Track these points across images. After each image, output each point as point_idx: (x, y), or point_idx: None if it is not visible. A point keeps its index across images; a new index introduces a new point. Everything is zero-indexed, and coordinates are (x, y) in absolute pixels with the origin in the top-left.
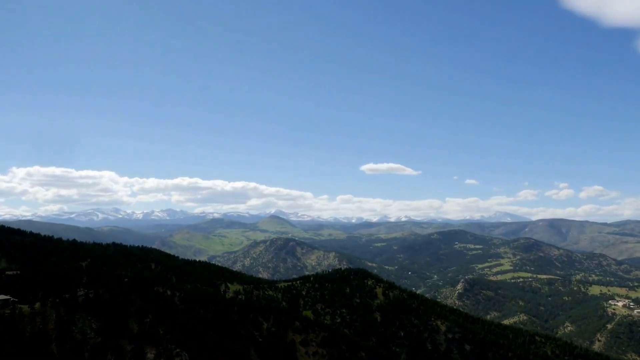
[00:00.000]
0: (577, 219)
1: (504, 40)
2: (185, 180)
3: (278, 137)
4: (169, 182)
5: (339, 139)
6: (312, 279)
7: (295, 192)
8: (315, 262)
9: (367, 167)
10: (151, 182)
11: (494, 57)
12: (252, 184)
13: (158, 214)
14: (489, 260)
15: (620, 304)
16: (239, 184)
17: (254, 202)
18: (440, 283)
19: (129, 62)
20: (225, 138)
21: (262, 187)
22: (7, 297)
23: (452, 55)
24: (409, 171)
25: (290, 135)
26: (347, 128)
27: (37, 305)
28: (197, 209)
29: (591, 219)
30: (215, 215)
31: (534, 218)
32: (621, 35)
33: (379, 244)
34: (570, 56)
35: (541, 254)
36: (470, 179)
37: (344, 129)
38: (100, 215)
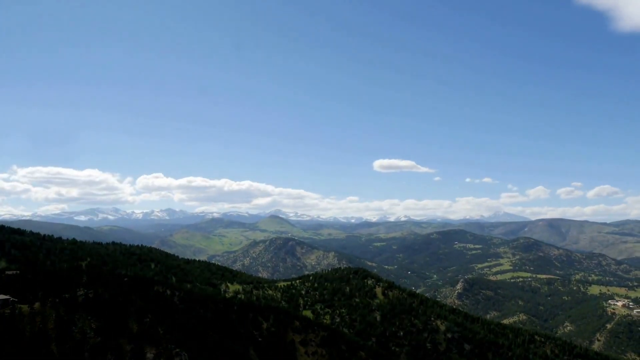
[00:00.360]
0: (578, 218)
1: (519, 40)
2: (193, 181)
3: (287, 136)
4: (175, 181)
5: (351, 138)
6: (311, 278)
7: (302, 192)
8: (314, 262)
9: (379, 164)
10: (158, 181)
11: (511, 57)
12: (261, 185)
13: (158, 213)
14: (488, 260)
15: (619, 303)
16: (245, 184)
17: (259, 201)
18: (439, 283)
19: (136, 60)
20: (232, 137)
21: (269, 188)
22: (7, 296)
23: (472, 56)
24: (423, 169)
25: (299, 134)
26: (359, 127)
27: (37, 305)
28: (198, 209)
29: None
30: (215, 215)
31: (537, 217)
32: (636, 36)
33: (378, 244)
34: (586, 56)
35: (541, 254)
36: (486, 177)
37: (356, 128)
38: (100, 215)
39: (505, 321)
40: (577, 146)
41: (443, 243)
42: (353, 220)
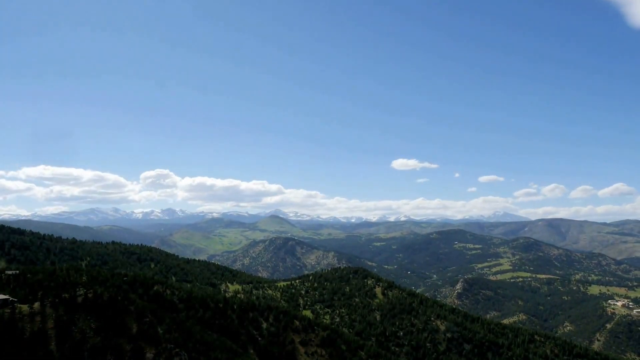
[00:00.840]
0: (580, 218)
1: (540, 42)
2: (201, 180)
3: (298, 135)
4: (185, 179)
5: (369, 139)
6: (311, 278)
7: (310, 192)
8: (314, 262)
9: (398, 163)
10: (167, 180)
11: (527, 59)
12: (273, 186)
13: (157, 213)
14: (488, 259)
15: (619, 303)
16: (253, 184)
17: (269, 200)
18: (439, 282)
19: (147, 57)
20: (238, 136)
21: (277, 187)
22: (7, 296)
23: (488, 57)
24: (441, 169)
25: (311, 134)
26: (379, 127)
27: (36, 304)
28: (199, 208)
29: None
30: (215, 214)
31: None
32: None
33: (378, 244)
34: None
35: (540, 254)
36: (500, 177)
37: (373, 128)
38: (100, 215)
39: (505, 321)
40: (593, 145)
41: (443, 243)
42: (353, 220)
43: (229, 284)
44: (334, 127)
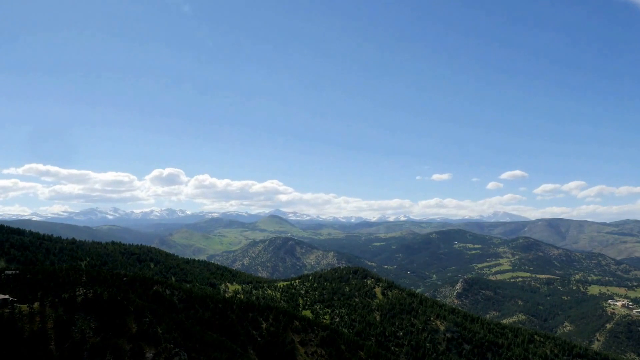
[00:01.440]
0: (580, 218)
1: (566, 46)
2: (210, 180)
3: (313, 137)
4: (194, 180)
5: (390, 139)
6: (311, 278)
7: (329, 195)
8: (314, 262)
9: (419, 166)
10: (176, 178)
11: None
12: (288, 188)
13: (157, 213)
14: (488, 259)
15: (619, 303)
16: (266, 185)
17: (282, 197)
18: (439, 282)
19: (158, 59)
20: (245, 137)
21: (289, 189)
22: (6, 296)
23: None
24: (459, 168)
25: (326, 135)
26: (401, 128)
27: (36, 304)
28: (203, 207)
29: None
30: (214, 214)
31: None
32: None
33: (377, 244)
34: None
35: (540, 254)
36: (518, 171)
37: (398, 129)
38: (99, 215)
39: (505, 321)
40: (617, 145)
41: (442, 243)
42: (353, 220)
43: (228, 284)
44: (346, 126)
